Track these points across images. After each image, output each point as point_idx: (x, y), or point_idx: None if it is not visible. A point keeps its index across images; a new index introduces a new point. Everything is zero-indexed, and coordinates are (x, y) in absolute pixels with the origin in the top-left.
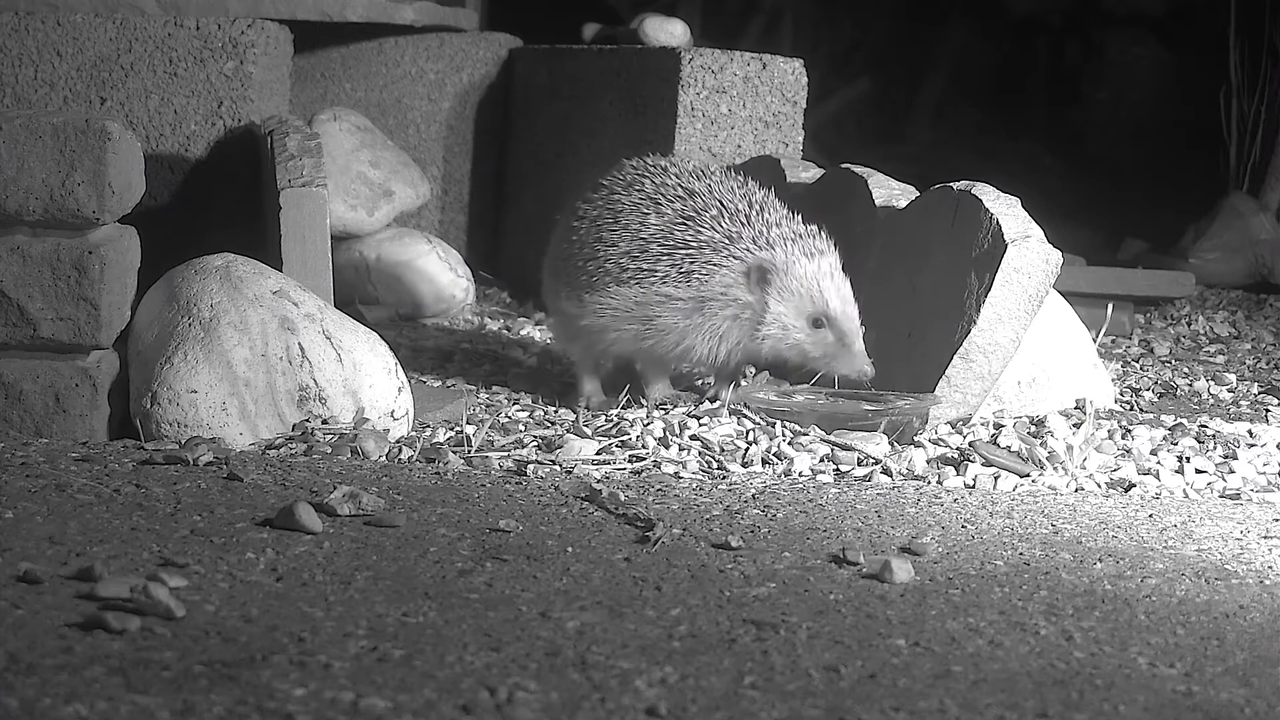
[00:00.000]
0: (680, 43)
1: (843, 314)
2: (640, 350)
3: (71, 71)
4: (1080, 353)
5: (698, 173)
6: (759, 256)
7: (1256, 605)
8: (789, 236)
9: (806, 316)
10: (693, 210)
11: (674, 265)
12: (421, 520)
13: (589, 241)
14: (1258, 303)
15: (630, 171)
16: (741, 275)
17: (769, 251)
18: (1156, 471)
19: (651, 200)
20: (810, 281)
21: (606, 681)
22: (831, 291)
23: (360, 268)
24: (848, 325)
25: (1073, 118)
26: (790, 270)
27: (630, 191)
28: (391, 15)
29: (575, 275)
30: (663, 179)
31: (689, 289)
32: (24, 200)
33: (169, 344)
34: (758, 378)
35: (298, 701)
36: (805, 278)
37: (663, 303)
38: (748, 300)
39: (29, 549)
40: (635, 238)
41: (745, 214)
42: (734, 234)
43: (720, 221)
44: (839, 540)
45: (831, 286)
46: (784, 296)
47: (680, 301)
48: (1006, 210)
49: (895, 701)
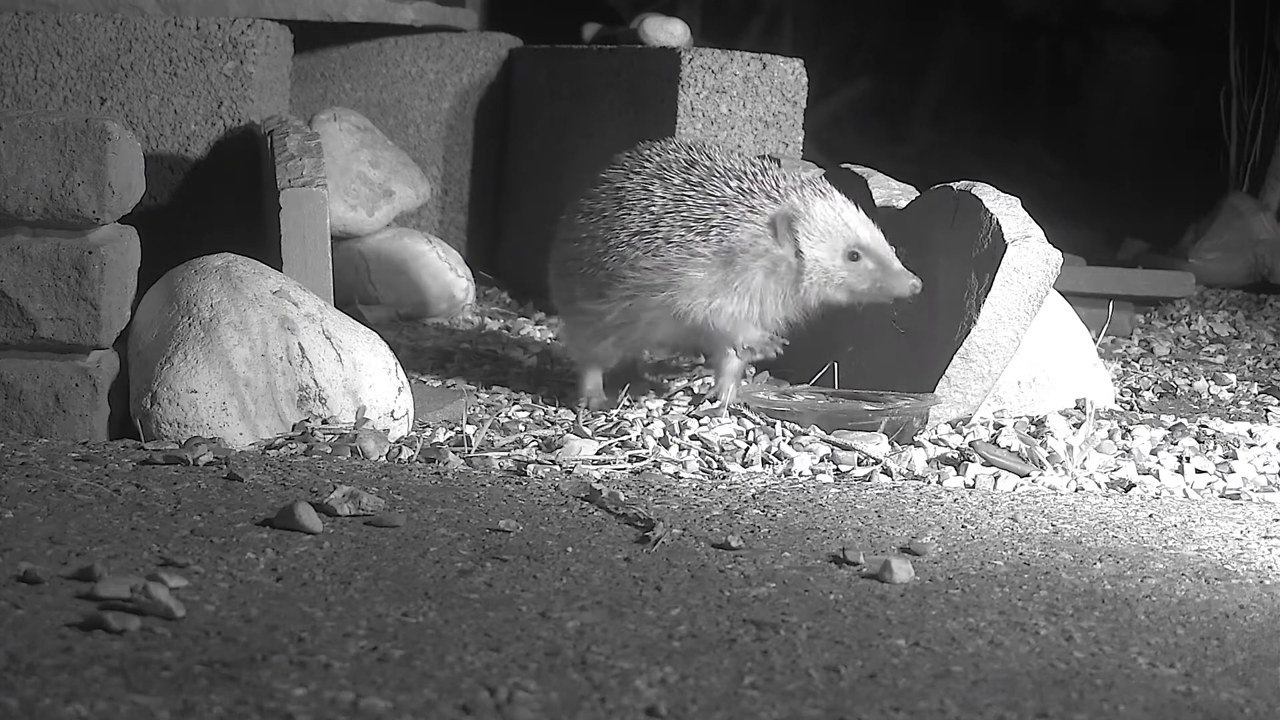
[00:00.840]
0: (680, 43)
1: (873, 240)
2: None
3: (71, 71)
4: (1080, 353)
5: (693, 147)
6: (780, 207)
7: (1256, 605)
8: (797, 184)
9: (842, 253)
10: (698, 177)
11: (690, 227)
12: (421, 520)
13: (598, 234)
14: (1258, 303)
15: (627, 160)
16: (767, 228)
17: (786, 201)
18: (1156, 471)
19: (655, 177)
20: (834, 218)
21: (606, 681)
22: (856, 222)
23: (360, 268)
24: (882, 250)
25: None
26: (812, 213)
27: (631, 176)
28: (391, 15)
29: (591, 271)
30: (663, 157)
31: (711, 244)
32: (24, 200)
33: (169, 344)
34: (758, 378)
35: (298, 701)
36: (829, 216)
37: (686, 260)
38: (780, 253)
39: (29, 549)
40: (645, 214)
41: (749, 173)
42: (745, 190)
43: (728, 183)
44: (839, 540)
45: (855, 218)
46: (815, 239)
47: (703, 257)
48: (1006, 210)
49: (895, 701)
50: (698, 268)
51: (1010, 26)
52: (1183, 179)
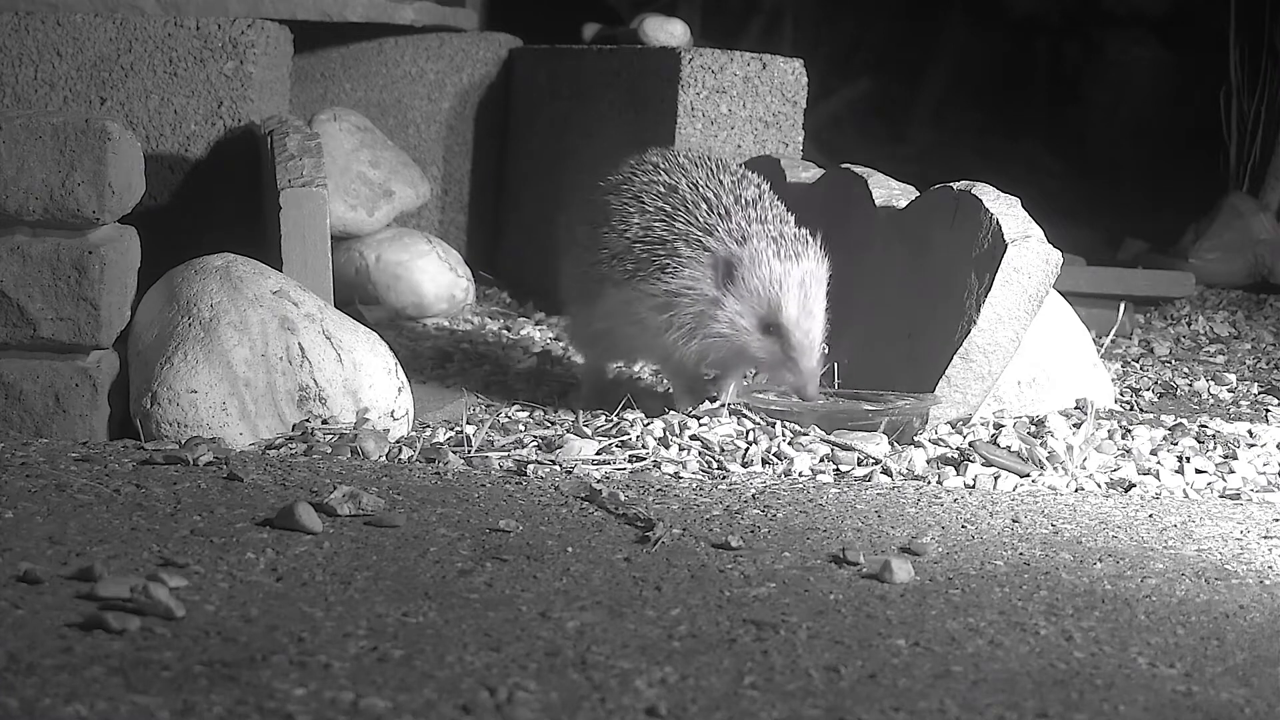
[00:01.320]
0: (680, 43)
1: (796, 325)
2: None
3: (71, 71)
4: (1080, 353)
5: (687, 166)
6: (726, 250)
7: (1256, 605)
8: (768, 235)
9: (758, 319)
10: (673, 205)
11: (652, 262)
12: (421, 520)
13: (589, 247)
14: (1258, 303)
15: (623, 170)
16: (710, 268)
17: (739, 247)
18: (1156, 471)
19: (636, 199)
20: (771, 284)
21: (606, 681)
22: (791, 299)
23: (360, 268)
24: (799, 338)
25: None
26: (755, 268)
27: (620, 192)
28: (391, 15)
29: (580, 282)
30: (650, 176)
31: (662, 284)
32: (24, 200)
33: (169, 344)
34: (758, 378)
35: (298, 701)
36: (767, 279)
37: (641, 299)
38: (713, 295)
39: (29, 549)
40: (621, 239)
41: (727, 207)
42: (710, 226)
43: (698, 215)
44: (839, 540)
45: (793, 294)
46: (741, 295)
47: (655, 298)
48: (1006, 210)
49: (895, 701)
50: (650, 310)
51: (1010, 26)
52: (1183, 179)
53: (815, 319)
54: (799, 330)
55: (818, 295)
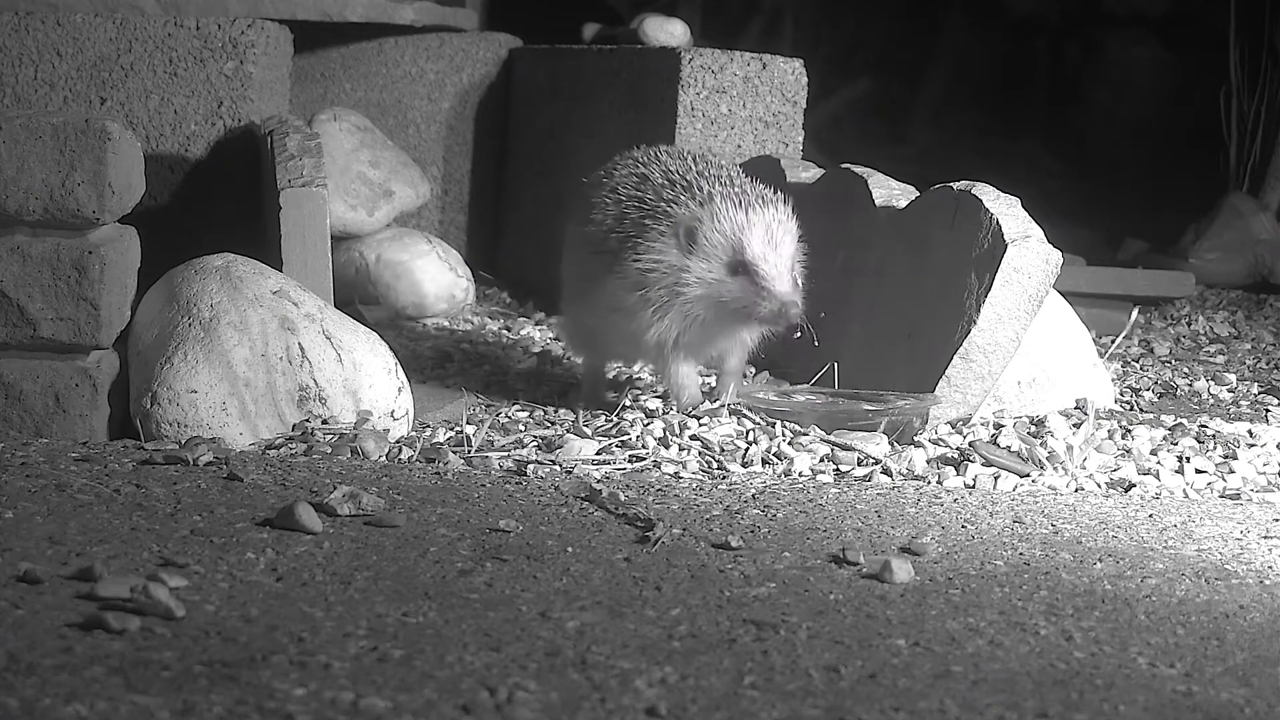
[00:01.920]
0: (680, 43)
1: (761, 257)
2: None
3: (71, 71)
4: (1080, 353)
5: (663, 157)
6: (686, 213)
7: (1256, 605)
8: (727, 194)
9: (725, 266)
10: (643, 190)
11: (625, 246)
12: (421, 520)
13: (576, 244)
14: (1258, 303)
15: (606, 167)
16: (673, 237)
17: (700, 209)
18: (1156, 471)
19: (613, 190)
20: (732, 231)
21: (606, 681)
22: (754, 237)
23: (360, 268)
24: (766, 268)
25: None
26: (716, 224)
27: (600, 186)
28: (391, 15)
29: (572, 281)
30: (627, 168)
31: (635, 265)
32: (24, 200)
33: (169, 344)
34: (758, 377)
35: (298, 701)
36: (728, 229)
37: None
38: (680, 263)
39: (29, 549)
40: (599, 230)
41: (689, 181)
42: (674, 198)
43: (664, 194)
44: (839, 540)
45: (755, 234)
46: (706, 252)
47: (630, 280)
48: (1006, 210)
49: (895, 701)
50: (625, 291)
51: (1010, 26)
52: (1183, 179)
53: (782, 254)
54: (764, 263)
55: (784, 239)
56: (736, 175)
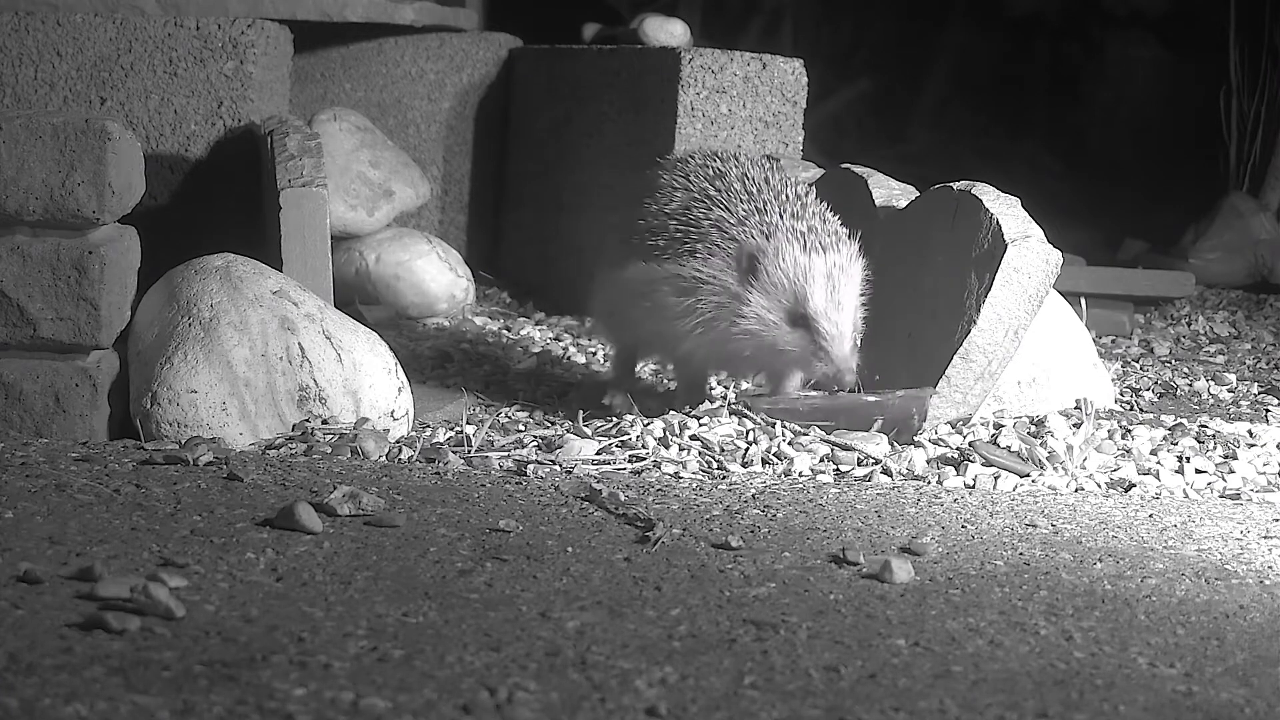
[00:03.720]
0: (680, 43)
1: (824, 315)
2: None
3: (71, 71)
4: (1080, 353)
5: (742, 160)
6: (752, 242)
7: (1256, 605)
8: (798, 229)
9: (785, 312)
10: (716, 190)
11: (684, 243)
12: (421, 520)
13: (628, 221)
14: (1258, 303)
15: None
16: (734, 260)
17: (765, 241)
18: (1156, 471)
19: (684, 178)
20: (796, 276)
21: (606, 681)
22: (817, 290)
23: (360, 268)
24: (827, 328)
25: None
26: (780, 261)
27: (673, 170)
28: (391, 15)
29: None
30: (706, 161)
31: (689, 268)
32: (24, 200)
33: (169, 344)
34: (758, 378)
35: (298, 701)
36: (793, 271)
37: (665, 279)
38: (736, 289)
39: (29, 549)
40: (660, 214)
41: (765, 202)
42: (744, 217)
43: (737, 205)
44: (839, 540)
45: (819, 285)
46: (766, 289)
47: (680, 281)
48: (1006, 210)
49: (895, 701)
50: (670, 290)
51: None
52: (1183, 179)
53: (844, 310)
54: (826, 320)
55: (847, 287)
56: (809, 200)
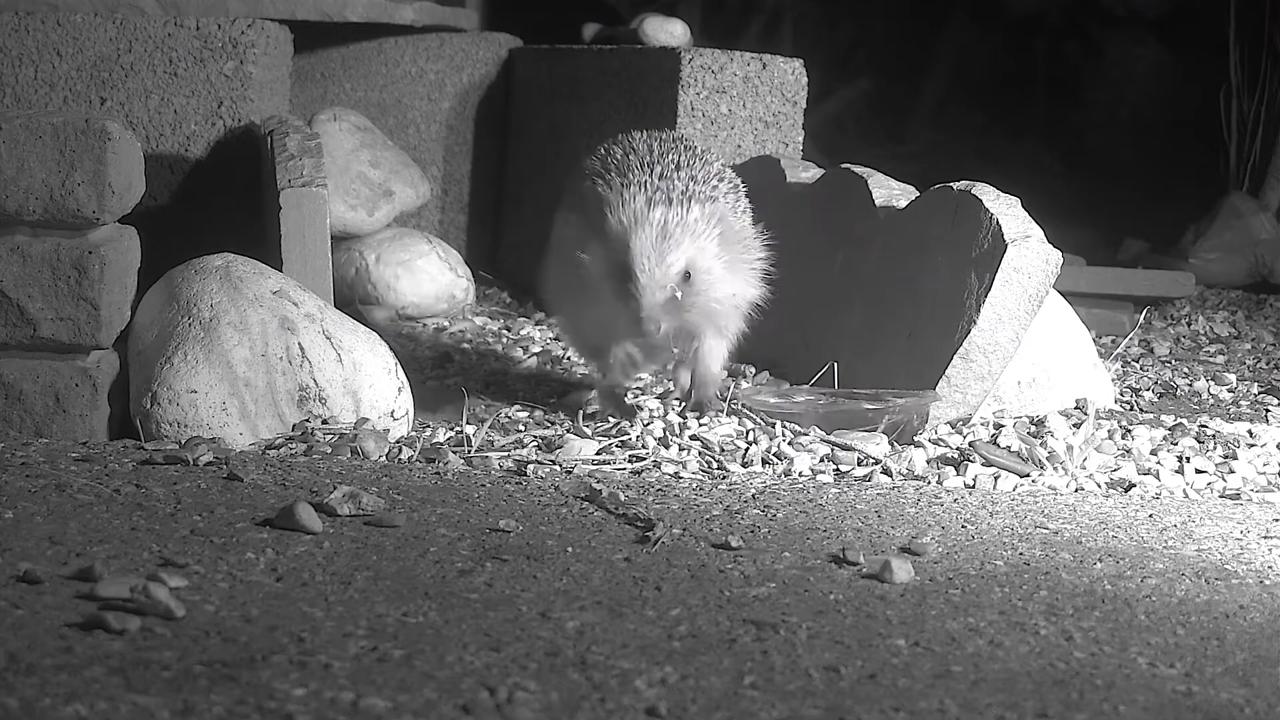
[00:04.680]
0: (680, 43)
1: (639, 262)
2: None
3: (71, 71)
4: (1080, 353)
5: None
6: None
7: (1256, 605)
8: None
9: (616, 264)
10: (603, 166)
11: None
12: (421, 520)
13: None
14: (1258, 303)
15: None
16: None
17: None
18: (1156, 471)
19: (584, 169)
20: (630, 223)
21: (606, 681)
22: (643, 239)
23: (360, 268)
24: (641, 277)
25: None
26: (620, 211)
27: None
28: (391, 15)
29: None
30: (608, 146)
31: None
32: (24, 200)
33: (169, 344)
34: (758, 378)
35: (298, 701)
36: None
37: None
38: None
39: (29, 549)
40: (570, 211)
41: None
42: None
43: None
44: (839, 540)
45: (646, 234)
46: (605, 241)
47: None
48: (1006, 210)
49: (895, 701)
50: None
51: (1010, 26)
52: (1183, 179)
53: (668, 264)
54: (641, 270)
55: (684, 245)
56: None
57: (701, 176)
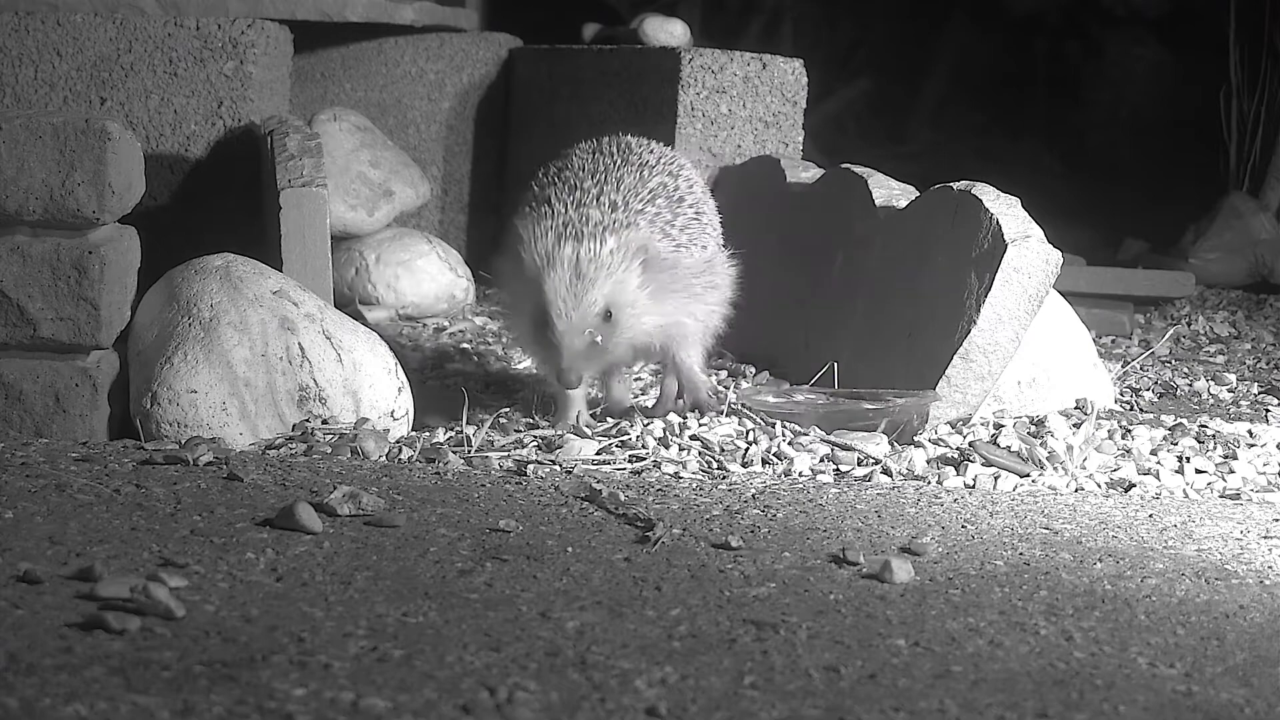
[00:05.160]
0: (680, 43)
1: (554, 309)
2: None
3: (71, 71)
4: (1080, 353)
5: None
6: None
7: (1256, 605)
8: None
9: (534, 304)
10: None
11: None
12: (421, 520)
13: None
14: (1258, 303)
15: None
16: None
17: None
18: (1156, 471)
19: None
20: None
21: (606, 681)
22: (555, 281)
23: (360, 268)
24: (557, 323)
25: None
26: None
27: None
28: (391, 15)
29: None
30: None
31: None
32: (24, 200)
33: (169, 344)
34: (758, 378)
35: (298, 701)
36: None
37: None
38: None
39: (29, 549)
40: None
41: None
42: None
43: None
44: (839, 540)
45: (558, 275)
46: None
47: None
48: (1006, 210)
49: (895, 701)
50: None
51: (1010, 26)
52: (1183, 179)
53: (584, 306)
54: (555, 316)
55: (597, 279)
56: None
57: (624, 200)
